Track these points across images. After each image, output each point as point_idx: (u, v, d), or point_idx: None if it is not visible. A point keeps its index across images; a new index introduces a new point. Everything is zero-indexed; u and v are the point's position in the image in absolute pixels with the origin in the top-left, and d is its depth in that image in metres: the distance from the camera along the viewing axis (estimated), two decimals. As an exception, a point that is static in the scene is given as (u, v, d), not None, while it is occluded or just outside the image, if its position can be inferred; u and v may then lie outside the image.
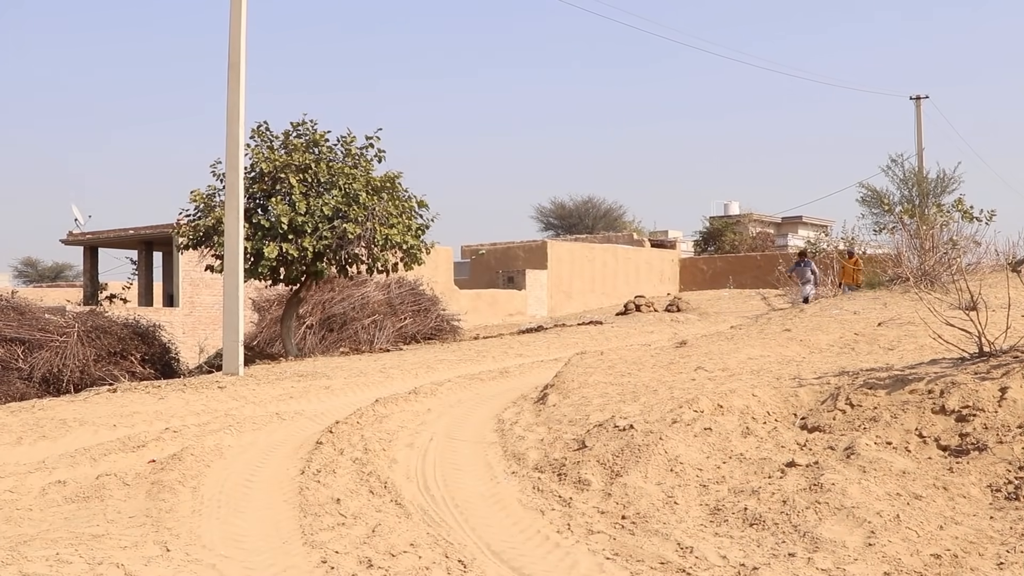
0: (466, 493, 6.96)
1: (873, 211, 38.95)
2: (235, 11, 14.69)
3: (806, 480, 6.19)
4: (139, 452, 8.53)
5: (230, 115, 14.80)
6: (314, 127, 18.48)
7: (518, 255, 35.90)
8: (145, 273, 30.74)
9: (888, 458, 6.49)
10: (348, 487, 7.06)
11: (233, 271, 14.78)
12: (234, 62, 14.65)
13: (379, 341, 21.99)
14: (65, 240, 29.95)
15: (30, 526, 6.33)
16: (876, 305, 16.26)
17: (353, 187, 17.82)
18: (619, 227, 57.66)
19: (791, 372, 9.46)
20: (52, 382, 16.13)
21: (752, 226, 56.66)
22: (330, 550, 5.54)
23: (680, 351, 12.68)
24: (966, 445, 6.50)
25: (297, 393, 12.12)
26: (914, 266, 19.71)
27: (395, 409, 10.28)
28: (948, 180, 39.24)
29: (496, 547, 5.68)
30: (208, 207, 17.77)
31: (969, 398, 6.92)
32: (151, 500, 6.88)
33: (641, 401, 8.86)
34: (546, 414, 9.31)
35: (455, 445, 8.56)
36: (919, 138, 41.35)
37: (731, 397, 8.06)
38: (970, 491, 5.99)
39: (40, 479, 7.63)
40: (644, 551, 5.40)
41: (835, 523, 5.52)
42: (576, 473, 7.04)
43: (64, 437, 9.38)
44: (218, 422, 10.00)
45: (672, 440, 7.18)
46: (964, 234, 19.41)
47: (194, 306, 26.27)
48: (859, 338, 12.12)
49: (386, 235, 17.93)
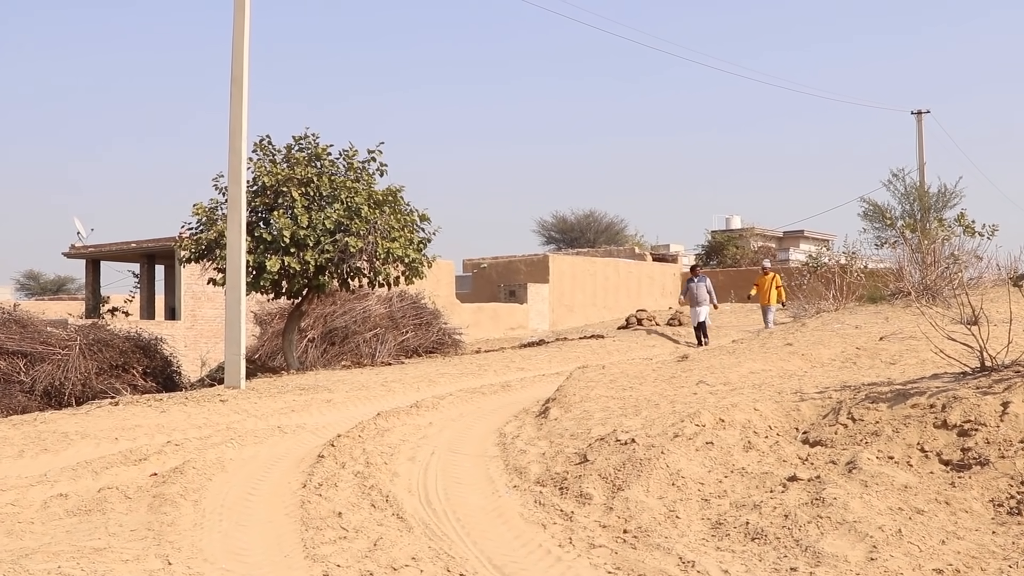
0: (468, 507, 6.95)
1: (875, 225, 39.00)
2: (238, 26, 14.76)
3: (808, 494, 6.19)
4: (141, 465, 8.53)
5: (233, 129, 14.84)
6: (316, 141, 18.53)
7: (520, 269, 35.89)
8: (147, 286, 30.77)
9: (890, 472, 6.49)
10: (350, 501, 7.05)
11: (235, 284, 14.80)
12: (237, 76, 14.71)
13: (381, 355, 21.98)
14: (67, 253, 30.00)
15: (32, 539, 6.32)
16: (878, 319, 16.25)
17: (355, 201, 17.84)
18: (621, 241, 57.69)
19: (793, 386, 9.46)
20: (54, 395, 16.13)
21: (754, 240, 56.79)
22: (332, 564, 5.54)
23: (682, 365, 12.68)
24: (968, 460, 6.49)
25: (299, 406, 12.12)
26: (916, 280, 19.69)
27: (397, 423, 10.28)
28: (949, 195, 39.29)
29: (498, 561, 5.67)
30: (210, 220, 17.79)
31: (971, 413, 6.91)
32: (153, 513, 6.87)
33: (643, 415, 8.86)
34: (548, 428, 9.30)
35: (457, 459, 8.56)
36: (920, 152, 41.46)
37: (733, 411, 8.06)
38: (972, 506, 5.98)
39: (42, 492, 7.63)
40: (646, 565, 5.40)
41: (837, 538, 5.51)
42: (578, 487, 7.03)
43: (66, 450, 9.38)
44: (220, 435, 10.00)
45: (674, 454, 7.17)
46: (966, 249, 19.41)
47: (196, 319, 26.28)
48: (861, 352, 12.12)
49: (388, 249, 17.95)
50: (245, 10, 14.76)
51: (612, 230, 62.59)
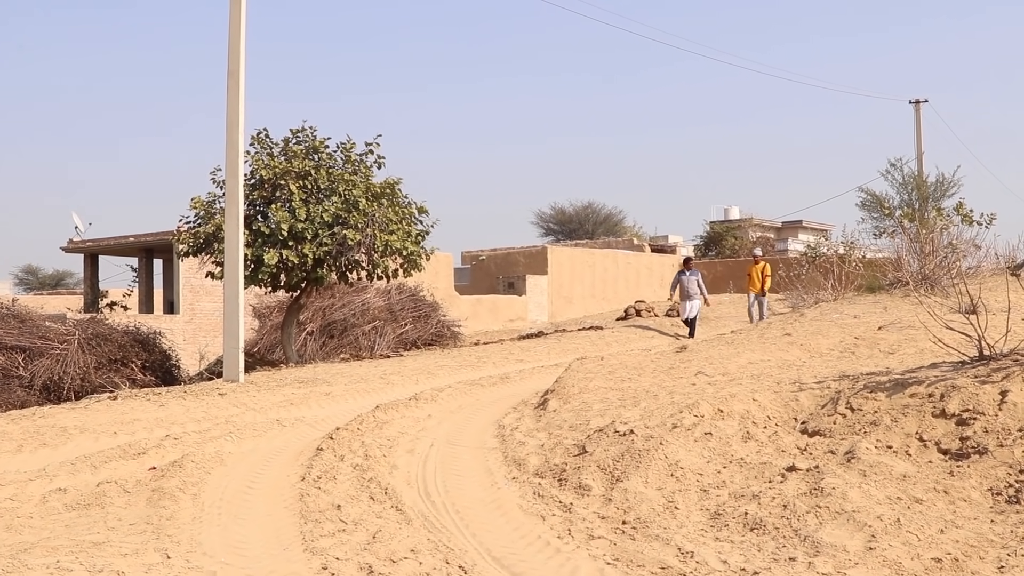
0: (467, 499, 6.95)
1: (873, 215, 38.87)
2: (234, 19, 14.73)
3: (807, 484, 6.19)
4: (140, 459, 8.53)
5: (230, 122, 14.82)
6: (314, 134, 18.49)
7: (518, 261, 35.88)
8: (145, 280, 30.75)
9: (889, 462, 6.49)
10: (349, 493, 7.06)
11: (233, 278, 14.79)
12: (233, 70, 14.68)
13: (379, 347, 21.97)
14: (65, 248, 29.97)
15: (31, 534, 6.33)
16: (876, 309, 16.23)
17: (353, 193, 17.82)
18: (619, 232, 57.76)
19: (791, 376, 9.45)
20: (53, 390, 16.14)
21: (752, 231, 56.77)
22: (331, 556, 5.54)
23: (680, 356, 12.67)
24: (967, 449, 6.50)
25: (298, 400, 12.12)
26: (914, 270, 19.67)
27: (396, 415, 10.28)
28: (948, 184, 39.18)
29: (497, 553, 5.67)
30: (208, 214, 17.78)
31: (969, 402, 6.92)
32: (152, 507, 6.87)
33: (641, 406, 8.86)
34: (546, 420, 9.30)
35: (456, 451, 8.56)
36: (919, 142, 41.40)
37: (731, 402, 8.06)
38: (971, 495, 5.99)
39: (41, 487, 7.62)
40: (645, 556, 5.40)
41: (836, 527, 5.52)
42: (577, 478, 7.03)
43: (65, 445, 9.37)
44: (219, 429, 10.00)
45: (672, 445, 7.18)
46: (964, 238, 19.38)
47: (194, 313, 26.27)
48: (859, 342, 12.11)
49: (386, 241, 17.93)
50: (241, 3, 14.72)
51: (610, 221, 62.65)
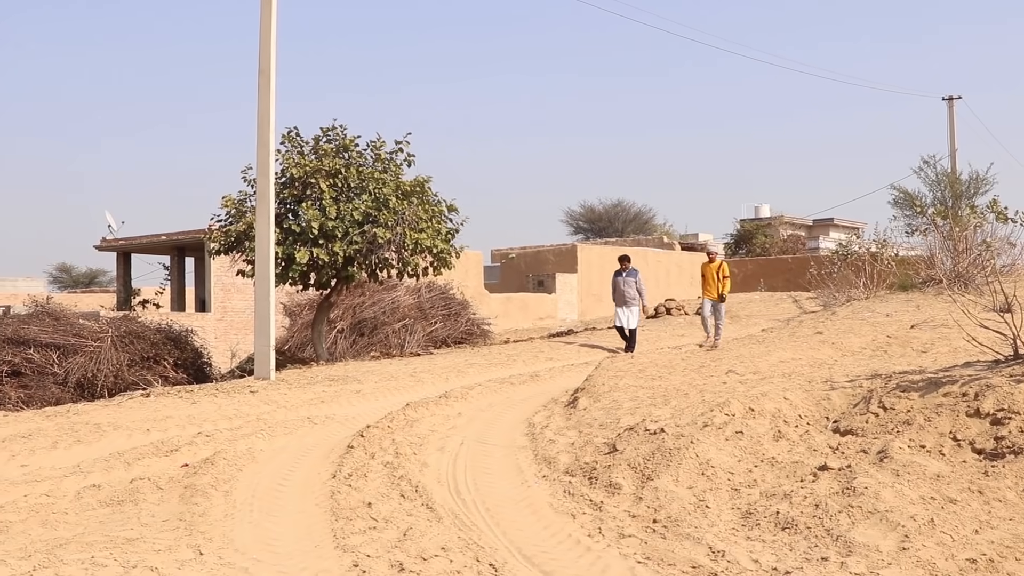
0: (497, 497, 6.96)
1: (905, 213, 38.51)
2: (265, 19, 14.80)
3: (839, 484, 6.14)
4: (172, 456, 8.61)
5: (261, 121, 14.90)
6: (344, 132, 18.54)
7: (548, 259, 35.84)
8: (177, 278, 30.99)
9: (922, 461, 6.43)
10: (379, 491, 7.08)
11: (264, 276, 14.87)
12: (264, 68, 14.75)
13: (409, 345, 22.02)
14: (98, 246, 30.26)
15: (66, 529, 6.39)
16: (909, 307, 16.11)
17: (383, 192, 17.85)
18: (649, 230, 57.53)
19: (823, 375, 9.39)
20: (87, 387, 16.29)
21: (783, 228, 56.40)
22: (362, 554, 5.56)
23: (711, 354, 12.63)
24: (1002, 448, 6.42)
25: (328, 397, 12.17)
26: (947, 268, 19.51)
27: (426, 413, 10.30)
28: (981, 181, 38.75)
29: (527, 551, 5.67)
30: (239, 212, 17.88)
31: (1004, 401, 6.84)
32: (184, 504, 6.93)
33: (672, 405, 8.83)
34: (576, 418, 9.29)
35: (486, 449, 8.57)
36: (952, 139, 41.05)
37: (762, 400, 8.02)
38: (1006, 495, 5.92)
39: (75, 483, 7.71)
40: (675, 555, 5.38)
41: (868, 527, 5.47)
42: (607, 477, 7.02)
43: (98, 441, 9.46)
44: (250, 426, 10.06)
45: (703, 444, 7.14)
46: (998, 236, 19.19)
47: (226, 311, 26.44)
48: (892, 341, 12.02)
49: (416, 239, 17.95)
50: (272, 3, 14.79)
51: (640, 219, 62.42)
